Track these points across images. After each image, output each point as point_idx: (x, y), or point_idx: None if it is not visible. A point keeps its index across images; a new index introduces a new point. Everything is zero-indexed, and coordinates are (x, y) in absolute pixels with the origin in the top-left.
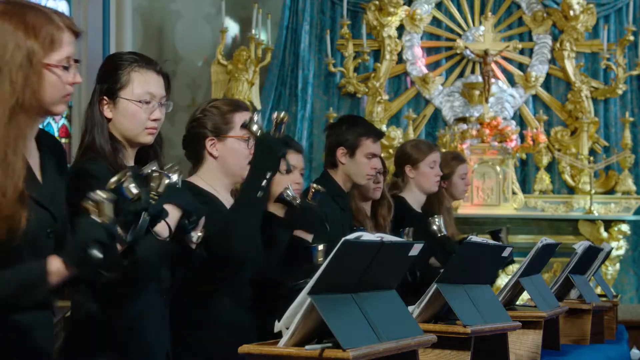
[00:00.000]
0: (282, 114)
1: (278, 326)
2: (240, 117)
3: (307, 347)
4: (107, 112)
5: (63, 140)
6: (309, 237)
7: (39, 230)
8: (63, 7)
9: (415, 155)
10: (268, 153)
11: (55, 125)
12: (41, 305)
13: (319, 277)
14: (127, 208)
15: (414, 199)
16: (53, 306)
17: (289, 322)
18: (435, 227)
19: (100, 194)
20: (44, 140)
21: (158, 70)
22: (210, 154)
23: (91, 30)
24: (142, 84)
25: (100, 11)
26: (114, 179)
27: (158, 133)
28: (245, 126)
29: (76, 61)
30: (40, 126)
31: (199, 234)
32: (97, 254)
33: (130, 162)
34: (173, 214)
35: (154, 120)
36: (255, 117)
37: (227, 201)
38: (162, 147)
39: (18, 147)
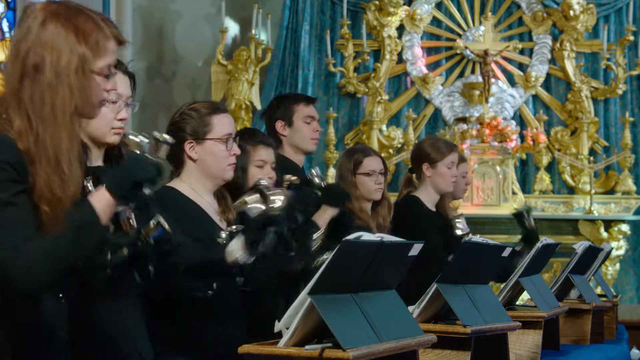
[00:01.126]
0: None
1: (278, 326)
2: (218, 120)
3: (307, 347)
4: None
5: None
6: (334, 212)
7: None
8: None
9: (433, 155)
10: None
11: None
12: (102, 246)
13: (319, 277)
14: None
15: (428, 198)
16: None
17: (289, 322)
18: (459, 232)
19: (141, 136)
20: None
21: (124, 71)
22: (190, 157)
23: None
24: None
25: (100, 11)
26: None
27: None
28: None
29: (115, 67)
30: None
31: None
32: (148, 190)
33: (98, 163)
34: None
35: (120, 120)
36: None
37: (210, 204)
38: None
39: (75, 150)
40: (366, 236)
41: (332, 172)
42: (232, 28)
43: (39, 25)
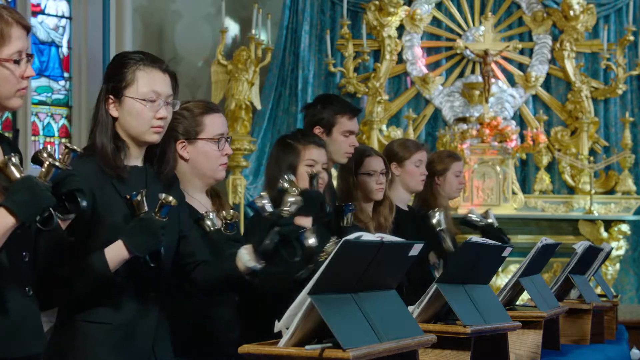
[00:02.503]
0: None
1: (278, 326)
2: (210, 120)
3: (307, 347)
4: (113, 111)
5: (63, 140)
6: (308, 222)
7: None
8: (63, 8)
9: (401, 153)
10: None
11: (55, 125)
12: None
13: (319, 277)
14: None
15: (399, 197)
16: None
17: (289, 322)
18: (434, 221)
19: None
20: (1, 136)
21: (164, 69)
22: (181, 157)
23: (91, 30)
24: (147, 83)
25: (100, 11)
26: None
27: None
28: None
29: (29, 55)
30: (41, 126)
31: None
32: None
33: (136, 162)
34: None
35: (160, 118)
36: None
37: (201, 203)
38: (169, 147)
39: None
40: (366, 236)
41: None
42: (232, 28)
43: None
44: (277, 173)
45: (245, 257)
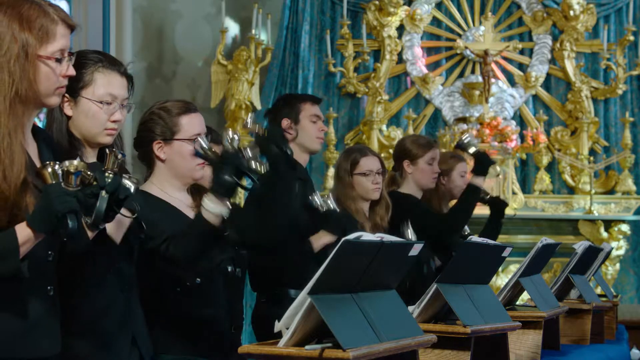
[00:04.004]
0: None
1: (278, 326)
2: (188, 120)
3: (307, 347)
4: (68, 110)
5: None
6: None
7: None
8: (63, 7)
9: (414, 151)
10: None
11: None
12: (14, 275)
13: (319, 277)
14: (85, 191)
15: (411, 194)
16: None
17: (289, 322)
18: (466, 141)
19: (69, 164)
20: (39, 132)
21: (122, 72)
22: (158, 157)
23: (91, 30)
24: (105, 85)
25: (100, 11)
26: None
27: (117, 134)
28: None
29: (70, 54)
30: (42, 126)
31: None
32: (71, 222)
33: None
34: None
35: (114, 121)
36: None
37: (181, 200)
38: (121, 148)
39: (18, 137)
40: (366, 236)
41: (331, 172)
42: (232, 28)
43: None
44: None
45: (210, 204)
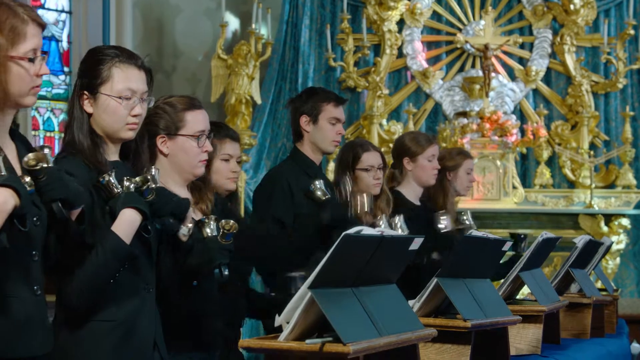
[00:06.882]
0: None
1: (278, 320)
2: (192, 116)
3: (307, 341)
4: (88, 107)
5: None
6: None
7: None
8: (63, 2)
9: (414, 148)
10: None
11: (55, 120)
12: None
13: (319, 271)
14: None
15: (412, 191)
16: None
17: (290, 317)
18: (441, 226)
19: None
20: (15, 133)
21: (140, 65)
22: (161, 152)
23: (91, 25)
24: (123, 80)
25: (100, 6)
26: None
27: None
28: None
29: (43, 53)
30: (41, 121)
31: (189, 225)
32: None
33: (113, 157)
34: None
35: (135, 115)
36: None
37: (181, 196)
38: (143, 142)
39: None
40: (366, 230)
41: (331, 166)
42: (232, 22)
43: None
44: None
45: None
